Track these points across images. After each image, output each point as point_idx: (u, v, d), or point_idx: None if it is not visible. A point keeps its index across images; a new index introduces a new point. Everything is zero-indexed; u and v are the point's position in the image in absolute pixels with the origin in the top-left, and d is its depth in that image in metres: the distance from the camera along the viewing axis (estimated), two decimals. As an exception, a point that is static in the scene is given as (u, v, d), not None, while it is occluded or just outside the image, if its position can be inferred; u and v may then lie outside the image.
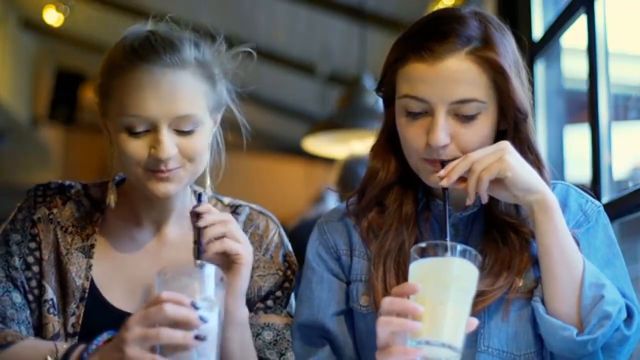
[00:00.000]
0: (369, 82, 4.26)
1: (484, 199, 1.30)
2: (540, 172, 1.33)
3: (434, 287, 1.14)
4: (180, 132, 1.37)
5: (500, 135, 1.36)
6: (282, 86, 6.35)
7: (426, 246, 1.17)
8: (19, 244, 1.47)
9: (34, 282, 1.45)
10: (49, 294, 1.44)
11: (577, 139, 2.81)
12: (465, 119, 1.30)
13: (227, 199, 1.58)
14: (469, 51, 1.29)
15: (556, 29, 2.83)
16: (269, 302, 1.51)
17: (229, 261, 1.34)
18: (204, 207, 1.36)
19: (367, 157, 1.48)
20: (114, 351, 1.18)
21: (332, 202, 4.58)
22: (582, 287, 1.27)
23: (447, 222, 1.26)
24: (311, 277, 1.46)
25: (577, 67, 2.57)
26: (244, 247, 1.36)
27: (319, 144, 4.60)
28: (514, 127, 1.34)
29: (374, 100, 3.78)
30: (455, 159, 1.30)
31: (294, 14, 5.39)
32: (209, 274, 1.22)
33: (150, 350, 1.15)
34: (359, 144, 4.18)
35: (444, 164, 1.31)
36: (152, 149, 1.35)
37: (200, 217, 1.34)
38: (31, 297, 1.45)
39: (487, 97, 1.31)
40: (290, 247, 1.57)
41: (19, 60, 7.07)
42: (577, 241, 1.31)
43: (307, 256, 1.49)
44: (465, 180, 1.29)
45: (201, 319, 1.16)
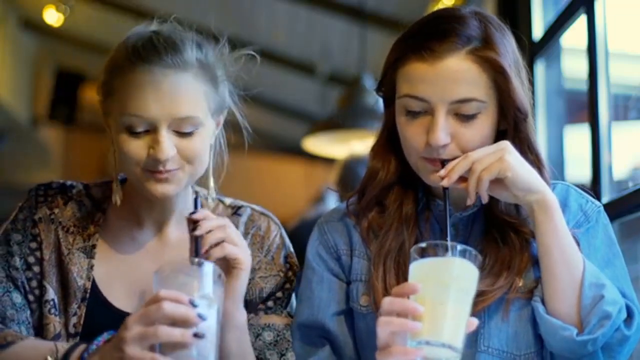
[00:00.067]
0: (369, 82, 4.25)
1: (484, 198, 1.30)
2: (540, 172, 1.33)
3: (434, 287, 1.14)
4: (180, 133, 1.37)
5: (500, 135, 1.36)
6: (282, 86, 6.34)
7: (426, 246, 1.17)
8: (20, 244, 1.47)
9: (35, 283, 1.45)
10: (50, 294, 1.44)
11: (577, 139, 2.80)
12: (465, 119, 1.31)
13: (228, 200, 1.58)
14: (469, 51, 1.29)
15: (556, 29, 2.83)
16: (270, 303, 1.50)
17: (228, 265, 1.34)
18: (200, 214, 1.35)
19: (367, 157, 1.48)
20: (114, 351, 1.18)
21: (332, 202, 4.58)
22: (582, 287, 1.27)
23: (448, 221, 1.26)
24: (311, 277, 1.46)
25: (577, 67, 2.57)
26: (243, 252, 1.36)
27: (319, 144, 4.60)
28: (514, 126, 1.35)
29: (374, 100, 3.78)
30: (455, 158, 1.30)
31: (294, 14, 5.38)
32: (207, 271, 1.22)
33: (150, 348, 1.15)
34: (359, 144, 4.17)
35: (444, 163, 1.31)
36: (151, 150, 1.35)
37: (197, 224, 1.33)
38: (32, 297, 1.45)
39: (487, 97, 1.31)
40: (291, 248, 1.57)
41: (19, 60, 7.06)
42: (577, 241, 1.31)
43: (307, 256, 1.48)
44: (465, 179, 1.29)
45: (200, 316, 1.16)
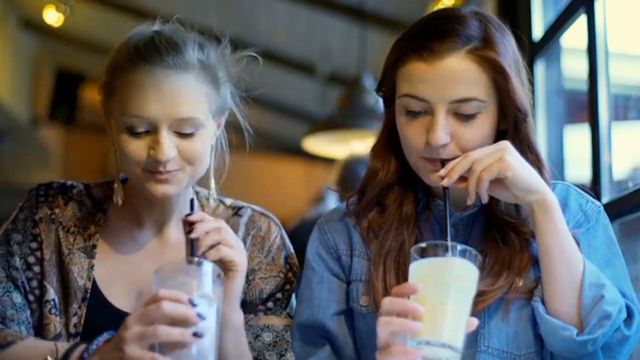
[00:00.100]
0: (369, 82, 4.25)
1: (484, 198, 1.30)
2: (540, 172, 1.33)
3: (434, 287, 1.14)
4: (180, 134, 1.36)
5: (500, 135, 1.36)
6: (282, 86, 6.34)
7: (426, 246, 1.17)
8: (20, 243, 1.47)
9: (35, 283, 1.45)
10: (51, 294, 1.44)
11: (577, 139, 2.80)
12: (465, 118, 1.31)
13: (229, 201, 1.58)
14: (468, 50, 1.29)
15: (556, 29, 2.83)
16: (270, 304, 1.50)
17: (224, 268, 1.33)
18: (196, 216, 1.35)
19: (367, 157, 1.48)
20: (114, 351, 1.18)
21: (332, 202, 4.58)
22: (582, 287, 1.27)
23: (448, 221, 1.26)
24: (311, 277, 1.46)
25: (577, 67, 2.57)
26: (239, 254, 1.36)
27: (319, 144, 4.60)
28: (513, 126, 1.35)
29: (374, 100, 3.77)
30: (455, 158, 1.30)
31: (294, 14, 5.38)
32: (207, 271, 1.22)
33: (149, 348, 1.15)
34: (359, 144, 4.17)
35: (444, 163, 1.31)
36: (151, 150, 1.35)
37: (193, 226, 1.33)
38: (32, 297, 1.45)
39: (487, 97, 1.31)
40: (292, 249, 1.57)
41: (19, 60, 7.06)
42: (577, 241, 1.31)
43: (307, 256, 1.48)
44: (465, 179, 1.29)
45: (199, 316, 1.16)
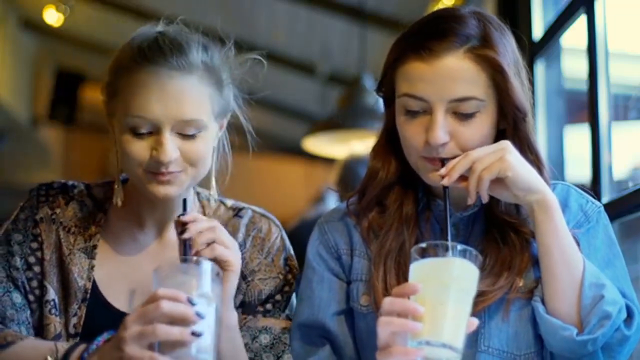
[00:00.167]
0: (369, 82, 4.25)
1: (485, 198, 1.30)
2: (539, 171, 1.33)
3: (434, 288, 1.14)
4: (183, 135, 1.36)
5: (500, 134, 1.36)
6: (282, 86, 6.34)
7: (426, 246, 1.16)
8: (21, 243, 1.47)
9: (35, 283, 1.45)
10: (51, 294, 1.44)
11: (577, 139, 2.80)
12: (464, 117, 1.31)
13: (230, 202, 1.58)
14: (467, 49, 1.29)
15: (556, 29, 2.83)
16: (268, 306, 1.50)
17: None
18: (189, 216, 1.34)
19: (368, 157, 1.48)
20: (114, 350, 1.18)
21: (332, 202, 4.58)
22: (582, 287, 1.27)
23: (448, 220, 1.26)
24: (311, 277, 1.46)
25: (577, 67, 2.57)
26: (233, 253, 1.36)
27: (319, 144, 4.60)
28: (513, 125, 1.35)
29: (374, 100, 3.78)
30: (455, 157, 1.30)
31: (294, 14, 5.38)
32: (206, 269, 1.22)
33: (149, 347, 1.15)
34: (359, 144, 4.17)
35: (444, 162, 1.31)
36: (153, 151, 1.35)
37: (185, 226, 1.33)
38: (32, 297, 1.44)
39: (485, 96, 1.31)
40: (292, 251, 1.57)
41: (19, 60, 7.06)
42: (577, 241, 1.31)
43: (308, 256, 1.49)
44: (465, 179, 1.29)
45: (198, 314, 1.16)
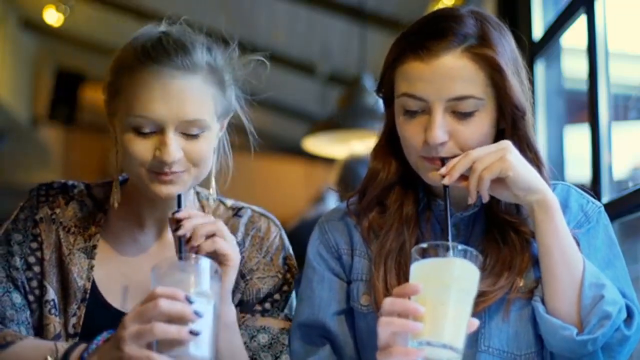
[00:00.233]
0: (369, 82, 4.25)
1: (485, 198, 1.30)
2: (539, 171, 1.33)
3: (435, 288, 1.14)
4: (187, 135, 1.36)
5: (499, 133, 1.36)
6: (282, 86, 6.34)
7: (427, 247, 1.17)
8: (21, 243, 1.46)
9: (35, 283, 1.45)
10: (51, 294, 1.44)
11: (577, 139, 2.80)
12: (462, 116, 1.30)
13: (229, 201, 1.58)
14: (465, 48, 1.29)
15: (556, 29, 2.83)
16: (267, 305, 1.50)
17: (217, 262, 1.33)
18: (183, 213, 1.34)
19: (368, 157, 1.48)
20: (113, 350, 1.18)
21: (332, 202, 4.57)
22: (582, 287, 1.27)
23: (448, 220, 1.26)
24: (312, 277, 1.46)
25: (577, 67, 2.57)
26: (232, 248, 1.35)
27: (319, 144, 4.60)
28: (512, 124, 1.34)
29: (374, 100, 3.76)
30: (454, 156, 1.30)
31: (294, 14, 5.38)
32: (204, 267, 1.21)
33: (147, 346, 1.15)
34: (359, 144, 4.18)
35: (443, 161, 1.31)
36: (157, 151, 1.35)
37: (180, 223, 1.32)
38: (32, 297, 1.44)
39: (484, 94, 1.31)
40: (291, 251, 1.57)
41: (19, 60, 7.06)
42: (577, 241, 1.31)
43: (308, 255, 1.49)
44: (466, 178, 1.29)
45: (196, 313, 1.15)
